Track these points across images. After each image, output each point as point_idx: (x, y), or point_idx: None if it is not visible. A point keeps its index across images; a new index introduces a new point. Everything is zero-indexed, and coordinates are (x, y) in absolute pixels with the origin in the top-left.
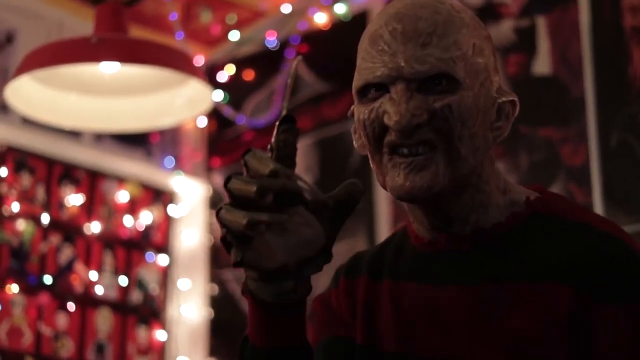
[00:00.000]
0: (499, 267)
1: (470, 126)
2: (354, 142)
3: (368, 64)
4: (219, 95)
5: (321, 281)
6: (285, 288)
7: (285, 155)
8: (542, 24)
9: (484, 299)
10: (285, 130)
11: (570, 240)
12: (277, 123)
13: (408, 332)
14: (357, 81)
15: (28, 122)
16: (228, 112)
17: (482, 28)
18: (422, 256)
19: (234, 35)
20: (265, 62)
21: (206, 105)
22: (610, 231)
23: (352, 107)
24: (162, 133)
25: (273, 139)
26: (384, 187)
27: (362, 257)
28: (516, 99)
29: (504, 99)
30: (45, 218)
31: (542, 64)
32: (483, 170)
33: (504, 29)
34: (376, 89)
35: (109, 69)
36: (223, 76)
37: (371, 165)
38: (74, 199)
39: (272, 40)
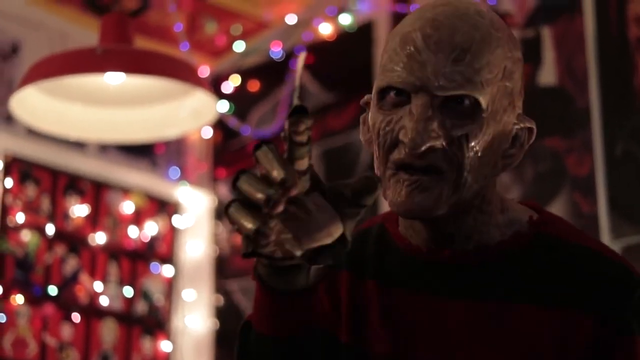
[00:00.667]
0: (507, 286)
1: (483, 155)
2: (361, 135)
3: (394, 66)
4: (224, 106)
5: None
6: (299, 278)
7: (299, 144)
8: (547, 34)
9: (491, 317)
10: (296, 121)
11: (582, 267)
12: (288, 114)
13: (407, 341)
14: (380, 81)
15: (33, 133)
16: (233, 122)
17: (517, 49)
18: (418, 264)
19: (239, 46)
20: (270, 72)
21: (211, 116)
22: (619, 260)
23: (366, 97)
24: (167, 144)
25: (286, 130)
26: (384, 197)
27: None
28: (534, 126)
29: (522, 125)
30: (50, 229)
31: (548, 75)
32: (486, 192)
33: None
34: (397, 93)
35: (114, 80)
36: (228, 87)
37: (375, 170)
38: (79, 210)
39: (277, 51)
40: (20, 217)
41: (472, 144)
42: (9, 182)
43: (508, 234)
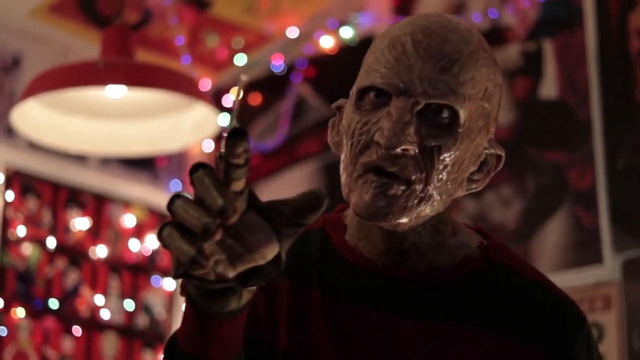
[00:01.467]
0: (460, 310)
1: (451, 172)
2: (329, 138)
3: (380, 67)
4: (225, 119)
5: None
6: (230, 301)
7: (236, 166)
8: (548, 47)
9: (443, 340)
10: (234, 143)
11: (534, 301)
12: (226, 136)
13: (352, 355)
14: (363, 80)
15: (34, 146)
16: None
17: (499, 74)
18: (371, 279)
19: (240, 59)
20: (271, 86)
21: (213, 129)
22: (565, 296)
23: (339, 100)
24: (169, 157)
25: (222, 152)
26: (347, 199)
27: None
28: (504, 155)
29: (492, 151)
30: (51, 242)
31: (549, 88)
32: (445, 211)
33: (511, 53)
34: (377, 94)
35: (116, 93)
36: (230, 100)
37: (340, 170)
38: (80, 223)
39: (278, 64)
40: (21, 230)
41: (443, 156)
42: (10, 195)
43: (459, 258)
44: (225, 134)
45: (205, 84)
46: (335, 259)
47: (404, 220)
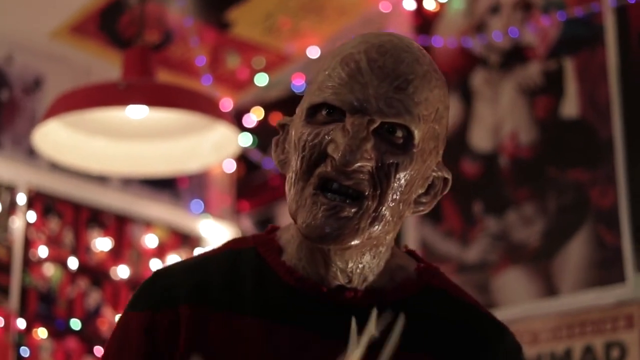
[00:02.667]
0: (405, 334)
1: (404, 192)
2: (273, 157)
3: (333, 83)
4: (246, 139)
5: None
6: None
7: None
8: (569, 66)
9: None
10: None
11: (472, 326)
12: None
13: None
14: (314, 96)
15: (56, 167)
16: (256, 156)
17: (448, 97)
18: (316, 303)
19: (261, 79)
20: (292, 105)
21: (234, 149)
22: (499, 321)
23: (284, 118)
24: (190, 177)
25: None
26: (294, 220)
27: (177, 280)
28: (450, 178)
29: (440, 174)
30: (72, 262)
31: (570, 106)
32: (390, 233)
33: (532, 72)
34: (329, 112)
35: (137, 114)
36: (251, 120)
37: (286, 188)
38: (102, 243)
39: (299, 84)
40: (43, 251)
41: (399, 175)
42: (32, 216)
43: (398, 280)
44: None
45: (226, 104)
46: (272, 282)
47: (356, 242)
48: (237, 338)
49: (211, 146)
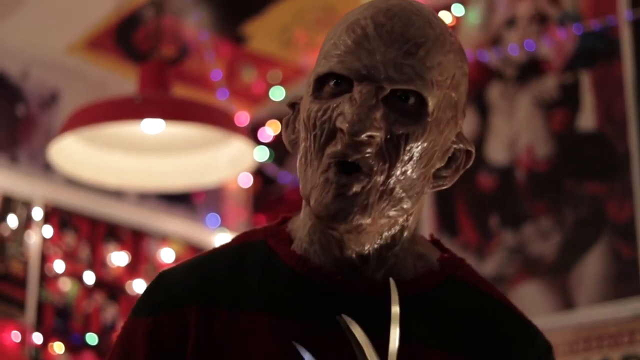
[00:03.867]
0: (422, 329)
1: (417, 166)
2: (284, 137)
3: (339, 51)
4: (263, 153)
5: None
6: None
7: None
8: (586, 79)
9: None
10: None
11: (499, 322)
12: None
13: None
14: (321, 67)
15: (72, 182)
16: (272, 169)
17: (466, 62)
18: (328, 294)
19: (277, 93)
20: None
21: (250, 163)
22: (525, 316)
23: (293, 97)
24: (206, 191)
25: None
26: (307, 201)
27: (181, 280)
28: (473, 150)
29: (461, 146)
30: (89, 277)
31: (587, 120)
32: (412, 214)
33: (548, 85)
34: (337, 82)
35: (153, 128)
36: (267, 133)
37: (298, 169)
38: (118, 258)
39: None
40: (59, 265)
41: (410, 146)
42: (48, 231)
43: (420, 270)
44: None
45: (243, 117)
46: (281, 275)
47: (366, 220)
48: (246, 336)
49: (227, 160)
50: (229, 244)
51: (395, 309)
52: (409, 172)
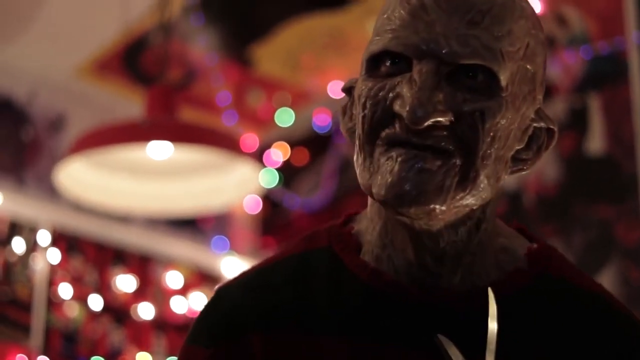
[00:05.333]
0: (515, 340)
1: (499, 147)
2: (341, 126)
3: (394, 26)
4: (270, 177)
5: None
6: None
7: None
8: (594, 102)
9: None
10: None
11: (599, 324)
12: None
13: None
14: (374, 45)
15: (79, 206)
16: (280, 193)
17: (540, 29)
18: (401, 309)
19: (284, 116)
20: (316, 143)
21: (256, 187)
22: (630, 312)
23: (349, 81)
24: (214, 215)
25: None
26: (369, 192)
27: (243, 304)
28: (556, 128)
29: (542, 124)
30: (96, 301)
31: (595, 143)
32: (491, 203)
33: (556, 108)
34: (394, 61)
35: (160, 153)
36: (275, 157)
37: (355, 162)
38: (125, 282)
39: (323, 122)
40: (66, 290)
41: (490, 124)
42: (55, 255)
43: (504, 267)
44: None
45: (250, 141)
46: (353, 290)
47: (441, 206)
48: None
49: (234, 184)
50: (289, 251)
51: (493, 329)
52: (491, 155)
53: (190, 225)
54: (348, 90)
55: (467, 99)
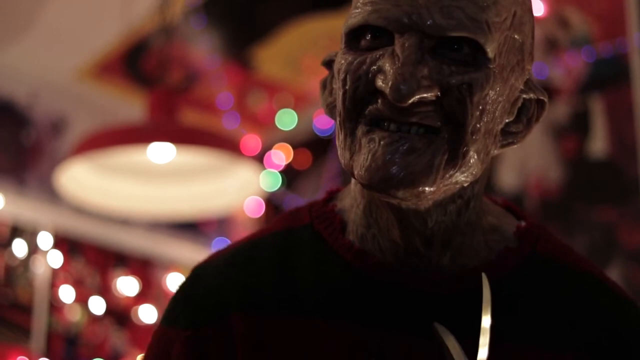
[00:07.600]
0: (507, 323)
1: (488, 120)
2: (321, 101)
3: None
4: (272, 179)
5: None
6: None
7: None
8: (596, 104)
9: None
10: None
11: (593, 302)
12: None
13: None
14: (352, 17)
15: (80, 209)
16: (282, 195)
17: None
18: (391, 293)
19: (286, 118)
20: (318, 145)
21: (259, 189)
22: (624, 292)
23: (329, 54)
24: (215, 217)
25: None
26: (349, 171)
27: (223, 283)
28: (546, 99)
29: (531, 95)
30: (97, 304)
31: (597, 145)
32: (479, 180)
33: (559, 111)
34: (374, 35)
35: (161, 156)
36: (276, 159)
37: (336, 139)
38: (126, 284)
39: (324, 125)
40: (67, 293)
41: (477, 97)
42: (56, 258)
43: (493, 247)
44: None
45: (251, 143)
46: (337, 271)
47: (430, 187)
48: (301, 346)
49: (236, 186)
50: (269, 229)
51: (487, 316)
52: (481, 130)
53: (191, 228)
54: (328, 63)
55: (454, 72)
